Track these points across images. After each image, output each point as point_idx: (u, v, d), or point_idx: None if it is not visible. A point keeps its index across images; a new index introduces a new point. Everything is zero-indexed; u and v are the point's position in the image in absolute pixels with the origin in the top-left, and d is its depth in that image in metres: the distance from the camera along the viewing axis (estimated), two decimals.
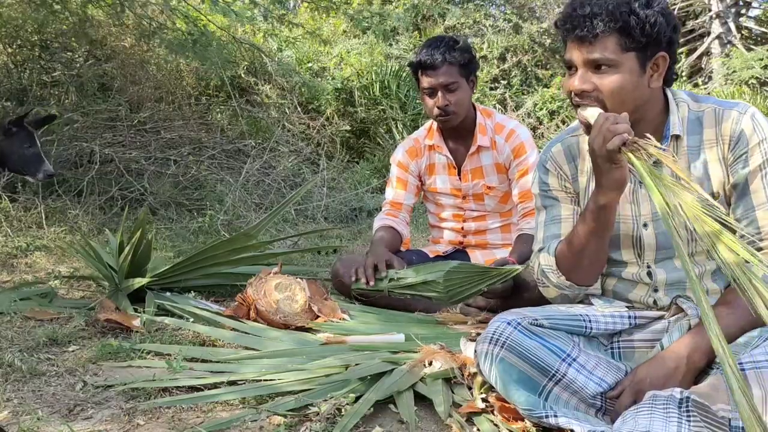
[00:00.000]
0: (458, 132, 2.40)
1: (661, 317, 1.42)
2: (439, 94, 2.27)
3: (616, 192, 1.30)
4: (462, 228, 2.50)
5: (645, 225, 1.42)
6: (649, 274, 1.43)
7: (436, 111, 2.30)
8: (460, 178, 2.44)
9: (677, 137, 1.37)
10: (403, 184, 2.50)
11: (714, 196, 1.35)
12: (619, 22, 1.26)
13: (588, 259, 1.41)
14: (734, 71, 8.00)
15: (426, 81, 2.29)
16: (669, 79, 1.38)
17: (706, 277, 1.40)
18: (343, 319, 2.13)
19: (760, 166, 1.30)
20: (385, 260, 2.18)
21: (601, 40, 1.28)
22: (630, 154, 1.20)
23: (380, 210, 2.59)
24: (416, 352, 1.73)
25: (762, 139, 1.30)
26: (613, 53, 1.28)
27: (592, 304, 1.49)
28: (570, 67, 1.35)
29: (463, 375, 1.59)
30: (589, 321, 1.41)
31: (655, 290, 1.43)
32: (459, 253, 2.53)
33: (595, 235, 1.36)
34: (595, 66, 1.30)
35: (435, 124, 2.46)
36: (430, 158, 2.48)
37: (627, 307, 1.46)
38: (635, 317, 1.43)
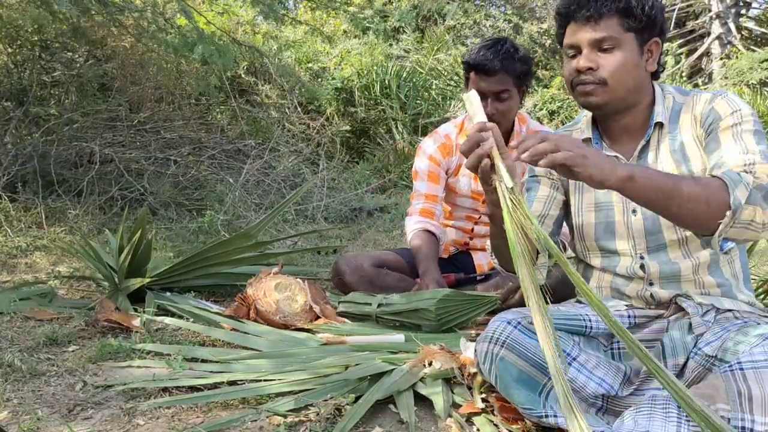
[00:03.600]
0: None
1: (660, 316, 1.42)
2: (489, 100, 2.16)
3: (495, 208, 1.28)
4: (472, 230, 2.49)
5: (634, 211, 1.44)
6: (643, 267, 1.43)
7: None
8: None
9: (660, 124, 1.43)
10: (435, 178, 2.40)
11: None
12: (621, 2, 1.36)
13: (496, 249, 1.49)
14: (741, 72, 7.98)
15: (477, 85, 2.17)
16: (657, 72, 1.46)
17: (702, 269, 1.40)
18: (344, 322, 2.13)
19: (731, 125, 1.33)
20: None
21: (605, 20, 1.37)
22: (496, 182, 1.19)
23: (406, 208, 2.49)
24: (416, 352, 1.73)
25: (735, 110, 1.34)
26: (616, 32, 1.37)
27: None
28: (572, 54, 1.41)
29: (463, 375, 1.59)
30: (589, 321, 1.41)
31: (651, 284, 1.44)
32: (462, 254, 2.53)
33: (494, 232, 1.44)
34: (600, 47, 1.38)
35: (468, 123, 2.39)
36: (460, 158, 2.39)
37: (626, 306, 1.46)
38: (635, 317, 1.44)
